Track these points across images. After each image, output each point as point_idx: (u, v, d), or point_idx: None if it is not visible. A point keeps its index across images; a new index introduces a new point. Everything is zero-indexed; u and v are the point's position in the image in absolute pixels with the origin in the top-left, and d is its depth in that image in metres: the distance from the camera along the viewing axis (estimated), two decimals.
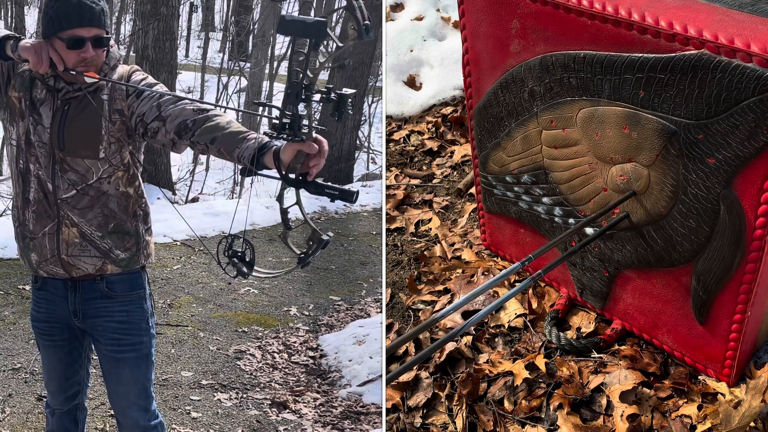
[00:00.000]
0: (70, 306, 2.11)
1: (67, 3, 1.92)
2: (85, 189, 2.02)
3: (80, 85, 2.00)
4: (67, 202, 2.02)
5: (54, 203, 2.03)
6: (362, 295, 4.92)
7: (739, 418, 2.15)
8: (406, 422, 2.42)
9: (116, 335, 2.12)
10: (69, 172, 2.01)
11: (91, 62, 1.96)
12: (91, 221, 2.04)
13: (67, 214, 2.03)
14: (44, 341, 2.18)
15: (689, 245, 2.18)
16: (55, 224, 2.04)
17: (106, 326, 2.11)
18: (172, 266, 5.04)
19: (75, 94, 2.01)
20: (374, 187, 7.85)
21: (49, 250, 2.05)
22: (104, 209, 2.05)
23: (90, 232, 2.05)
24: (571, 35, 2.16)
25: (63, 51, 1.93)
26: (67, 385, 2.22)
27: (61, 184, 2.01)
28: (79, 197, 2.02)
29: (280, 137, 1.68)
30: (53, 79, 2.01)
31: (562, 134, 2.36)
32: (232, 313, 4.40)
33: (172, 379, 3.55)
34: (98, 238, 2.05)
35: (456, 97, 4.21)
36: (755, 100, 1.83)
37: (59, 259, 2.05)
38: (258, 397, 3.48)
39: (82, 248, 2.05)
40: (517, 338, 2.67)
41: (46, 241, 2.05)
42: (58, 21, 1.92)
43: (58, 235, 2.04)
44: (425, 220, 3.35)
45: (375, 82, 9.53)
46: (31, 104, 2.01)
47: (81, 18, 1.92)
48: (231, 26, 12.54)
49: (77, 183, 2.02)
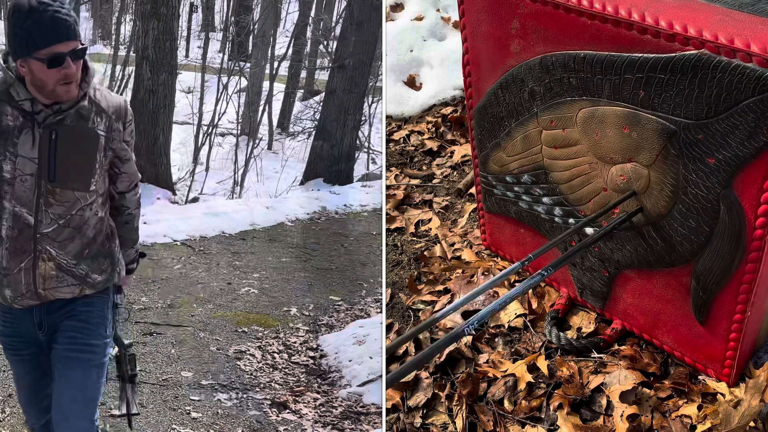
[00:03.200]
0: (35, 318, 2.03)
1: (40, 20, 1.77)
2: (67, 221, 1.94)
3: (60, 105, 1.88)
4: (48, 236, 1.93)
5: (32, 238, 1.93)
6: (362, 295, 4.92)
7: (739, 417, 2.15)
8: (406, 422, 2.42)
9: (74, 333, 2.04)
10: (54, 205, 1.92)
11: (72, 77, 1.85)
12: (69, 252, 1.97)
13: (45, 248, 1.94)
14: (11, 356, 2.12)
15: (689, 245, 2.18)
16: (31, 259, 1.93)
17: (66, 324, 2.04)
18: (172, 266, 5.04)
19: (57, 118, 1.89)
20: (374, 187, 7.85)
21: (24, 285, 1.96)
22: (83, 239, 1.98)
23: (67, 262, 1.97)
24: (571, 35, 2.16)
25: (42, 72, 1.81)
26: (37, 398, 2.17)
27: (44, 219, 1.92)
28: (59, 230, 1.94)
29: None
30: (29, 103, 1.86)
31: (562, 134, 2.36)
32: (232, 313, 4.40)
33: (172, 379, 3.55)
34: (74, 266, 1.99)
35: (456, 97, 4.21)
36: (755, 100, 1.83)
37: (35, 293, 1.97)
38: (258, 398, 3.47)
39: (59, 279, 1.97)
40: (517, 338, 2.67)
41: (22, 277, 1.95)
42: (32, 40, 1.79)
43: (35, 270, 1.94)
44: (425, 220, 3.35)
45: (375, 82, 9.52)
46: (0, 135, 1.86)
47: (58, 33, 1.80)
48: (231, 26, 12.52)
49: (60, 216, 1.93)
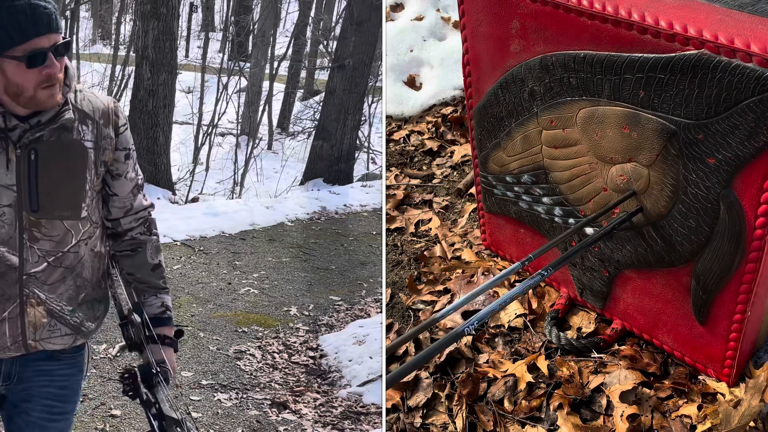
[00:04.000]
0: (4, 369, 1.68)
1: (13, 10, 1.45)
2: (59, 259, 1.62)
3: (39, 117, 1.55)
4: (36, 278, 1.60)
5: (16, 281, 1.59)
6: (362, 295, 4.92)
7: (739, 417, 2.15)
8: (406, 422, 2.42)
9: (52, 402, 1.73)
10: (41, 240, 1.59)
11: (56, 78, 1.52)
12: (62, 295, 1.65)
13: (34, 292, 1.61)
14: None
15: (689, 245, 2.18)
16: (17, 306, 1.60)
17: (42, 392, 1.72)
18: (172, 266, 5.04)
19: (37, 135, 1.55)
20: (374, 187, 7.85)
21: (11, 338, 1.62)
22: (77, 279, 1.67)
23: (60, 308, 1.65)
24: (571, 35, 2.16)
25: (19, 73, 1.48)
26: None
27: (30, 257, 1.59)
28: (50, 270, 1.61)
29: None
30: (0, 118, 1.53)
31: (562, 134, 2.36)
32: (232, 313, 4.40)
33: (172, 380, 3.55)
34: (68, 313, 1.67)
35: (456, 97, 4.21)
36: (755, 100, 1.83)
37: (24, 345, 1.64)
38: (258, 397, 3.48)
39: (52, 328, 1.65)
40: (517, 338, 2.67)
41: (6, 329, 1.61)
42: (6, 34, 1.45)
43: (23, 318, 1.61)
44: (425, 220, 3.35)
45: (375, 82, 9.53)
46: None
47: (37, 25, 1.47)
48: (231, 26, 12.54)
49: (50, 253, 1.61)
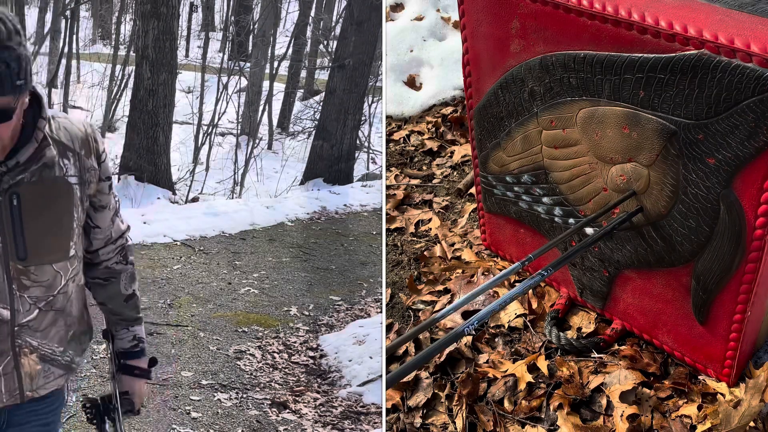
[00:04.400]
0: None
1: None
2: (50, 303, 1.53)
3: (17, 158, 1.41)
4: (28, 327, 1.51)
5: (8, 334, 1.49)
6: (362, 295, 4.92)
7: (739, 417, 2.15)
8: (406, 422, 2.42)
9: None
10: (31, 287, 1.49)
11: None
12: (53, 338, 1.57)
13: (26, 341, 1.52)
14: None
15: (689, 245, 2.18)
16: (10, 360, 1.51)
17: (30, 431, 1.64)
18: (172, 266, 5.04)
19: (17, 178, 1.42)
20: (374, 187, 7.85)
21: (7, 393, 1.53)
22: (67, 319, 1.59)
23: (51, 351, 1.57)
24: (571, 35, 2.16)
25: None
26: None
27: (21, 306, 1.49)
28: (42, 316, 1.53)
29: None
30: None
31: (562, 134, 2.36)
32: (232, 313, 4.40)
33: (172, 379, 3.55)
34: (60, 354, 1.59)
35: (456, 97, 4.21)
36: (755, 100, 1.83)
37: (21, 396, 1.56)
38: (258, 397, 3.48)
39: (46, 374, 1.58)
40: (517, 338, 2.67)
41: (2, 385, 1.52)
42: None
43: (18, 371, 1.52)
44: (425, 220, 3.35)
45: (375, 82, 9.53)
46: None
47: None
48: (231, 26, 12.54)
49: (40, 299, 1.51)
